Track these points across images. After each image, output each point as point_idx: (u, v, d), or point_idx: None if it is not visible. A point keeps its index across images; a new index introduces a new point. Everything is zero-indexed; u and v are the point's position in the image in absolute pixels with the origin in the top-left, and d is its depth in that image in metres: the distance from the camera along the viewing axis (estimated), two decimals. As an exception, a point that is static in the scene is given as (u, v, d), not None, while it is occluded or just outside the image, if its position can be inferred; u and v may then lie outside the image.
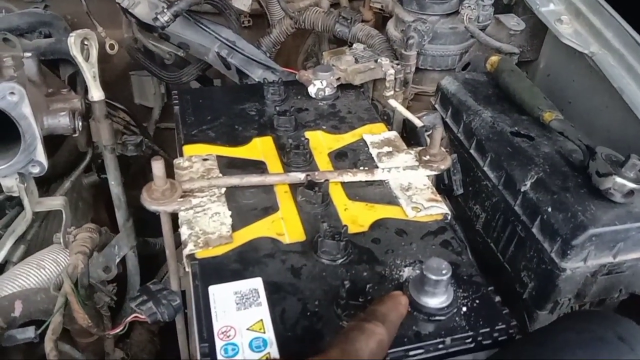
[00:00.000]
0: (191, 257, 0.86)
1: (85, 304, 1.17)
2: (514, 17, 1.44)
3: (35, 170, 1.17)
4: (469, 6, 1.47)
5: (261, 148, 1.10)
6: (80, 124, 1.27)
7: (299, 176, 0.99)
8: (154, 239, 1.52)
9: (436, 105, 1.36)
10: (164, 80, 1.76)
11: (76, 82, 1.59)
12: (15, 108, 1.09)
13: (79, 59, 1.20)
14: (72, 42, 1.18)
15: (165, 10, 1.39)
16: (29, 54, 1.29)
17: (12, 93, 1.07)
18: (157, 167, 0.89)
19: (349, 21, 1.58)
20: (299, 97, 1.27)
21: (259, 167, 1.05)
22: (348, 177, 1.01)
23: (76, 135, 1.27)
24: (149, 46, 1.74)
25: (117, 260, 1.35)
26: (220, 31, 1.55)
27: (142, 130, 1.77)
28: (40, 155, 1.16)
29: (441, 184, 1.21)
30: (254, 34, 1.90)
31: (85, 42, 1.21)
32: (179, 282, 1.07)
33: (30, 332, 1.09)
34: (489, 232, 1.14)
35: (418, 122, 1.23)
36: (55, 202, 1.30)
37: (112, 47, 1.57)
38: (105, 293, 1.28)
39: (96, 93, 1.24)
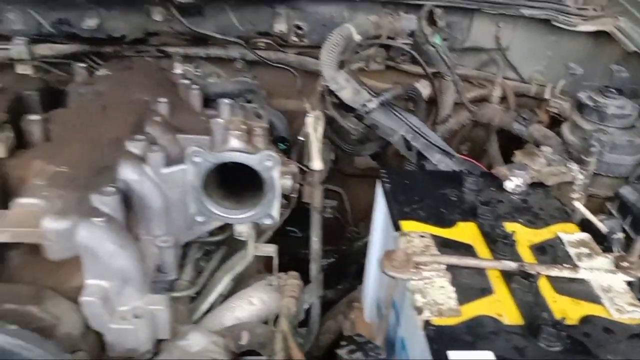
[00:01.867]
0: (427, 322, 1.02)
1: (291, 343, 1.36)
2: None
3: (268, 222, 1.40)
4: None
5: (467, 232, 1.26)
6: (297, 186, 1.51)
7: (511, 265, 1.14)
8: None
9: (613, 211, 1.48)
10: (346, 151, 2.00)
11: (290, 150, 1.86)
12: (268, 172, 1.33)
13: (312, 135, 1.44)
14: (310, 122, 1.42)
15: (373, 99, 1.63)
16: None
17: (269, 160, 1.32)
18: (403, 242, 1.07)
19: (527, 121, 1.75)
20: (492, 188, 1.43)
21: (468, 250, 1.21)
22: (555, 272, 1.14)
23: (295, 196, 1.51)
24: (340, 122, 1.99)
25: (306, 307, 1.55)
26: (408, 117, 1.77)
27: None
28: (276, 210, 1.39)
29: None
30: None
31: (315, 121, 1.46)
32: (385, 337, 1.23)
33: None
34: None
35: (604, 228, 1.35)
36: (269, 249, 1.52)
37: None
38: (299, 335, 1.46)
39: (317, 163, 1.47)
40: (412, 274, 1.09)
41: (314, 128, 1.44)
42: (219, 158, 1.31)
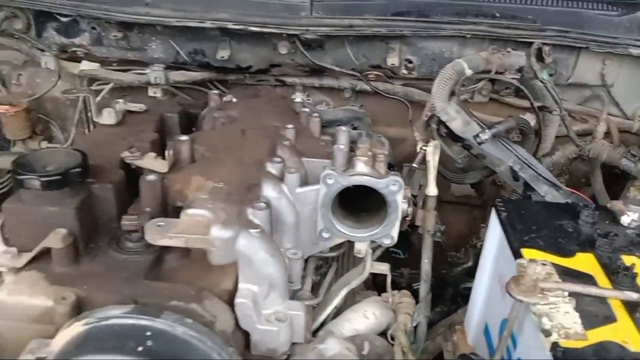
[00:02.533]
0: (555, 344, 1.09)
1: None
2: None
3: (387, 242, 1.51)
4: None
5: (586, 263, 1.32)
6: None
7: (633, 295, 1.19)
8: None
9: None
10: (448, 178, 2.09)
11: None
12: (392, 195, 1.44)
13: (431, 162, 1.55)
14: (430, 150, 1.53)
15: (487, 131, 1.72)
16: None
17: (394, 184, 1.43)
18: (530, 268, 1.15)
19: (636, 158, 1.78)
20: (607, 222, 1.48)
21: (589, 279, 1.27)
22: (679, 306, 1.18)
23: (409, 218, 1.61)
24: (446, 150, 2.09)
25: (414, 325, 1.64)
26: (517, 148, 1.84)
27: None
28: (395, 231, 1.50)
29: None
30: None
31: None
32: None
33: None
34: None
35: None
36: (382, 267, 1.63)
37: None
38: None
39: (433, 189, 1.57)
40: (539, 298, 1.17)
41: (432, 156, 1.55)
42: (349, 181, 1.44)
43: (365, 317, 1.58)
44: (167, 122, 1.84)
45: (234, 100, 2.02)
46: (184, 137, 1.57)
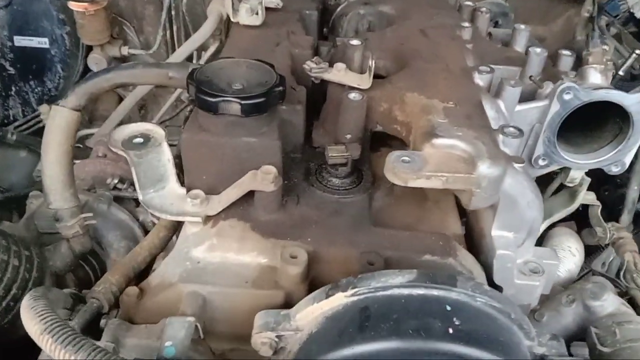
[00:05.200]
0: None
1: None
2: None
3: (616, 170, 1.25)
4: None
5: None
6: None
7: None
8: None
9: None
10: None
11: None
12: (638, 115, 1.16)
13: None
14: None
15: None
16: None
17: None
18: None
19: None
20: None
21: None
22: None
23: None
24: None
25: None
26: None
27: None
28: (629, 157, 1.23)
29: None
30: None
31: None
32: None
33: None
34: None
35: None
36: (590, 196, 1.39)
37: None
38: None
39: None
40: None
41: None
42: (592, 96, 1.14)
43: (572, 254, 1.36)
44: (306, 21, 1.49)
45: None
46: (356, 41, 1.23)
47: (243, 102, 0.92)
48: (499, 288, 1.01)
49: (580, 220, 1.54)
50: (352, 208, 1.02)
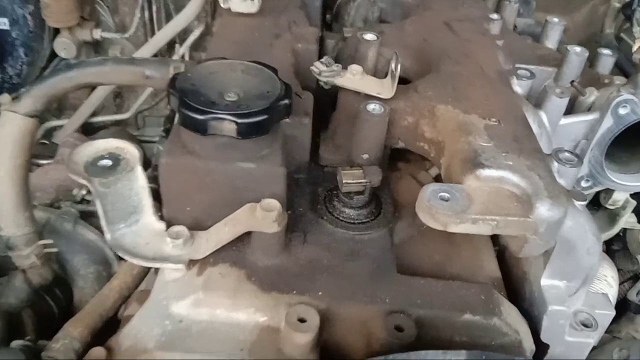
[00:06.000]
0: None
1: None
2: None
3: (671, 193, 1.08)
4: None
5: None
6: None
7: None
8: None
9: None
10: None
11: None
12: None
13: None
14: None
15: None
16: None
17: None
18: None
19: None
20: None
21: None
22: None
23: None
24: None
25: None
26: None
27: None
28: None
29: None
30: None
31: None
32: None
33: None
34: None
35: None
36: (632, 220, 1.22)
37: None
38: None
39: None
40: None
41: None
42: (654, 109, 0.96)
43: (609, 284, 1.19)
44: (309, 7, 1.28)
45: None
46: (371, 35, 1.03)
47: (240, 121, 0.72)
48: (545, 345, 0.85)
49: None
50: (371, 248, 0.83)
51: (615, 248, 1.33)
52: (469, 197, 0.73)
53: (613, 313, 0.88)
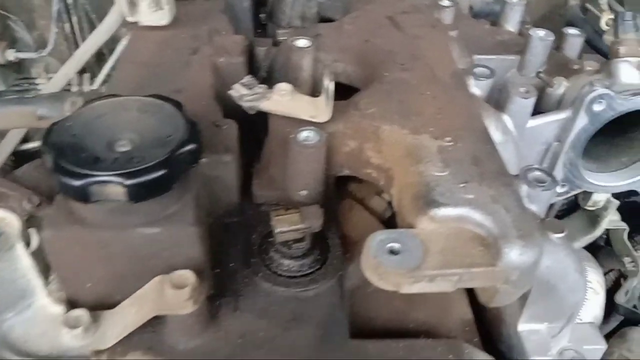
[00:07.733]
0: None
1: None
2: None
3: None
4: None
5: None
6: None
7: None
8: None
9: None
10: None
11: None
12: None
13: None
14: None
15: None
16: None
17: None
18: None
19: None
20: None
21: None
22: None
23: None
24: None
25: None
26: None
27: None
28: (674, 175, 0.94)
29: None
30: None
31: None
32: None
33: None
34: None
35: None
36: (617, 219, 1.10)
37: None
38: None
39: None
40: None
41: None
42: (631, 105, 0.84)
43: (596, 291, 1.08)
44: (236, 9, 1.12)
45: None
46: (304, 42, 0.88)
47: (129, 182, 0.57)
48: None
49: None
50: (318, 308, 0.70)
51: (599, 244, 1.22)
52: (423, 247, 0.59)
53: (604, 347, 0.76)
